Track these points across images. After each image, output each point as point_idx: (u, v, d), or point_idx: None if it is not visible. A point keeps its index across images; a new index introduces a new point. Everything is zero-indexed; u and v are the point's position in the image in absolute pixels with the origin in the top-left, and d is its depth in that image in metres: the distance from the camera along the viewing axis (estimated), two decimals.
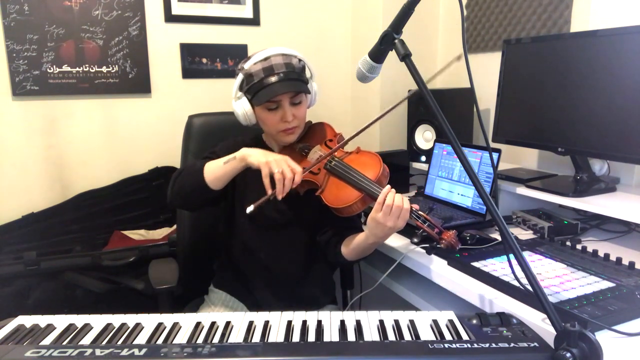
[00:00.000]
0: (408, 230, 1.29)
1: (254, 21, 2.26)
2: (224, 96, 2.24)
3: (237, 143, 1.47)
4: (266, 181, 1.22)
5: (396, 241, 1.48)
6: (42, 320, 0.94)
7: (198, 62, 2.19)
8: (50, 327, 0.92)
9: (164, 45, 2.13)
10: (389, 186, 1.19)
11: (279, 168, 1.20)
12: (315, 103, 1.45)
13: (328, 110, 2.49)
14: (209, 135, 1.68)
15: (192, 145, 1.67)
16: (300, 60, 1.36)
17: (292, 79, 1.31)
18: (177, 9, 2.11)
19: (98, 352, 0.81)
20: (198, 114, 1.72)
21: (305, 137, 1.45)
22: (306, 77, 1.38)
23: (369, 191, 1.21)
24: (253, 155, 1.25)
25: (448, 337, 0.87)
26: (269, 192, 1.22)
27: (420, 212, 1.21)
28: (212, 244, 1.60)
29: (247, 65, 1.31)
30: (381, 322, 0.92)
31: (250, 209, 1.22)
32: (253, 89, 1.30)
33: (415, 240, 1.20)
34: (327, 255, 1.38)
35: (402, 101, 1.27)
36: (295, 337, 0.87)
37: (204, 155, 1.45)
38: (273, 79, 1.28)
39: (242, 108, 1.35)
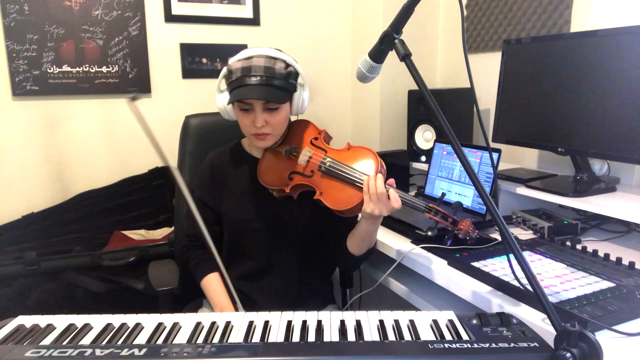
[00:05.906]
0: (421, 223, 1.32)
1: (254, 21, 2.26)
2: None
3: (212, 163, 1.44)
4: None
5: (396, 241, 1.48)
6: (42, 320, 0.94)
7: (198, 62, 2.19)
8: (50, 327, 0.92)
9: (163, 45, 2.13)
10: (368, 175, 1.20)
11: None
12: (303, 112, 1.37)
13: (328, 110, 2.50)
14: (206, 135, 1.68)
15: (189, 145, 1.67)
16: (288, 65, 1.28)
17: (269, 85, 1.24)
18: (177, 9, 2.11)
19: (98, 352, 0.80)
20: (195, 114, 1.71)
21: (287, 138, 1.38)
22: (293, 83, 1.30)
23: None
24: None
25: (448, 337, 0.87)
26: None
27: (431, 205, 1.21)
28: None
29: (231, 61, 1.30)
30: (381, 322, 0.92)
31: None
32: (230, 86, 1.28)
33: (430, 233, 1.20)
34: (338, 262, 1.37)
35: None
36: (295, 337, 0.87)
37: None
38: (248, 80, 1.23)
39: (222, 102, 1.34)
